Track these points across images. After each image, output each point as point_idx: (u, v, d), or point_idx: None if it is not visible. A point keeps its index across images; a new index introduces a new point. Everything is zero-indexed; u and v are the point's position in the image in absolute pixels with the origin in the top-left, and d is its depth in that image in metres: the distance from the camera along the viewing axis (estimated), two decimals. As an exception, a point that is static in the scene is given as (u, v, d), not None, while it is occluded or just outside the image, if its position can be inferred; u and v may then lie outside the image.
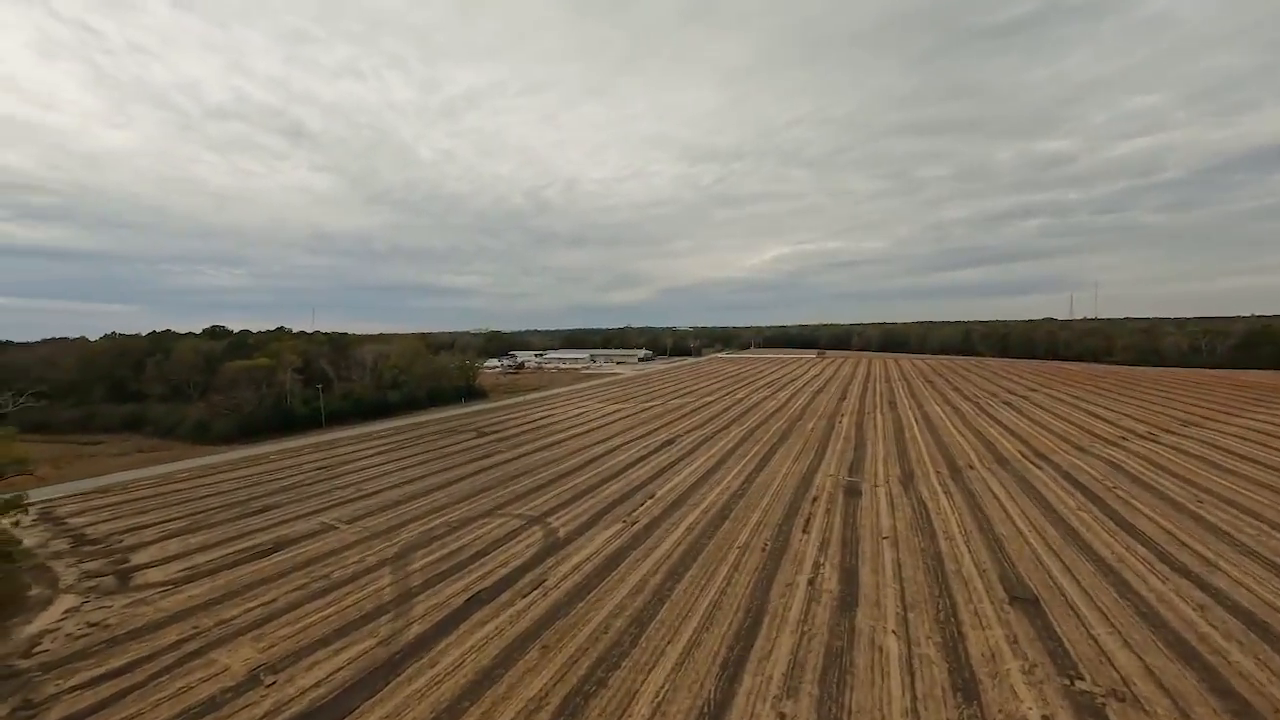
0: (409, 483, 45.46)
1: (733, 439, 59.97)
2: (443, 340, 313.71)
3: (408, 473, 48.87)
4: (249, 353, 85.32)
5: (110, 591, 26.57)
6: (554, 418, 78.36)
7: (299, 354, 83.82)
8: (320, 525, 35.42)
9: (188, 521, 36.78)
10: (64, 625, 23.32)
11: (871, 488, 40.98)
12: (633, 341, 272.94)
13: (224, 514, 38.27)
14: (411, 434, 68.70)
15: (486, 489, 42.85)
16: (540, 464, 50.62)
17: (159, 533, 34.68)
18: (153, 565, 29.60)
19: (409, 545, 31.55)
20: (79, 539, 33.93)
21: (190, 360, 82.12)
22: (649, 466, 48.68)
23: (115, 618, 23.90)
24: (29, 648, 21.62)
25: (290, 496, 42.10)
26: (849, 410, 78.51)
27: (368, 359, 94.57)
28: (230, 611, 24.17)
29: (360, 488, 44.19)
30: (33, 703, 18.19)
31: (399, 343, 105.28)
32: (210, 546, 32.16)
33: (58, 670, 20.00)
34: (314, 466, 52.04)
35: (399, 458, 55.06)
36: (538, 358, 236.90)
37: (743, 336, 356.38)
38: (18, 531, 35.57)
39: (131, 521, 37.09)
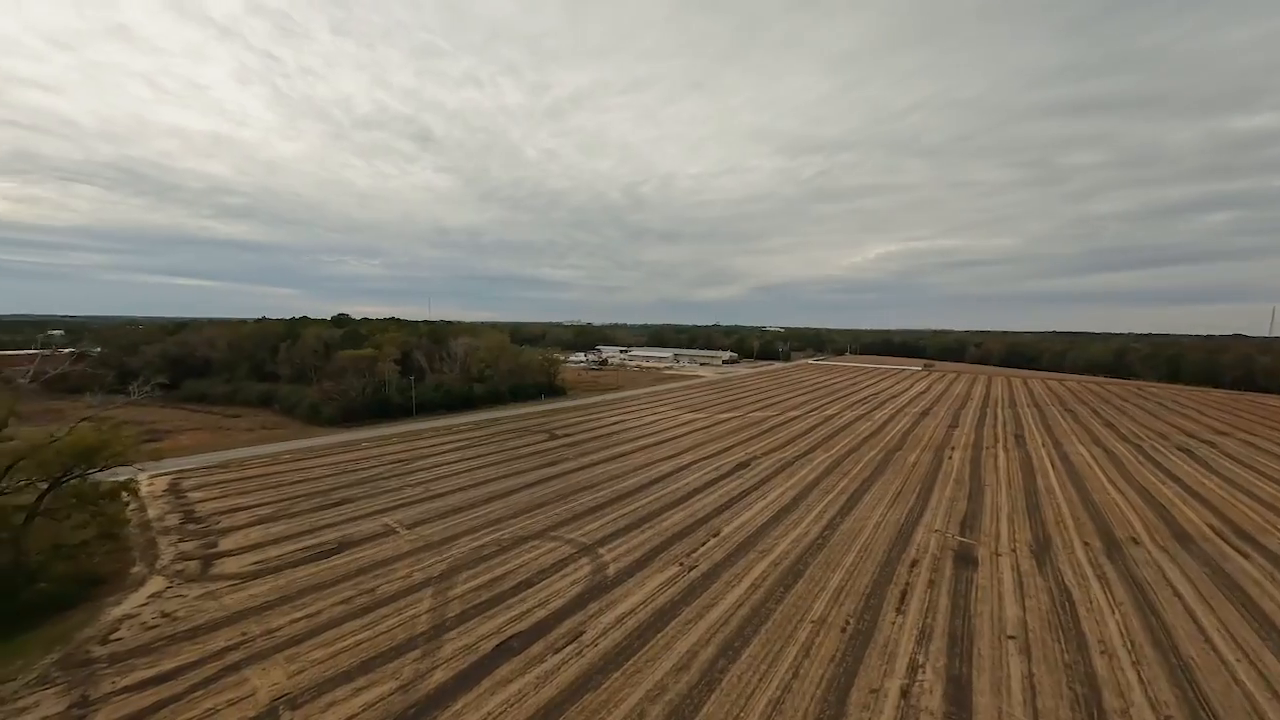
0: (474, 486, 45.54)
1: (816, 468, 53.36)
2: (535, 331, 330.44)
3: (475, 474, 49.22)
4: (359, 342, 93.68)
5: (191, 579, 28.44)
6: (626, 424, 76.33)
7: (399, 345, 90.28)
8: (383, 527, 36.02)
9: (275, 508, 39.49)
10: (143, 612, 24.99)
11: (991, 555, 33.19)
12: (718, 342, 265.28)
13: (307, 503, 40.66)
14: (488, 430, 70.44)
15: (544, 504, 41.39)
16: (603, 479, 48.42)
17: (249, 517, 37.46)
18: (232, 554, 31.57)
19: (457, 564, 30.60)
20: (187, 516, 37.66)
21: (312, 347, 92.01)
22: (717, 494, 44.33)
23: (185, 610, 25.21)
24: (109, 633, 23.24)
25: (366, 490, 43.94)
26: (962, 442, 67.29)
27: (459, 352, 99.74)
28: (278, 620, 24.41)
29: (429, 487, 45.04)
30: (87, 700, 19.00)
31: (488, 336, 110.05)
32: (285, 539, 33.83)
33: (120, 665, 21.02)
34: (394, 459, 54.59)
35: (471, 456, 56.08)
36: (622, 354, 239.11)
37: (837, 341, 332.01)
38: (148, 501, 40.48)
39: (233, 502, 40.68)
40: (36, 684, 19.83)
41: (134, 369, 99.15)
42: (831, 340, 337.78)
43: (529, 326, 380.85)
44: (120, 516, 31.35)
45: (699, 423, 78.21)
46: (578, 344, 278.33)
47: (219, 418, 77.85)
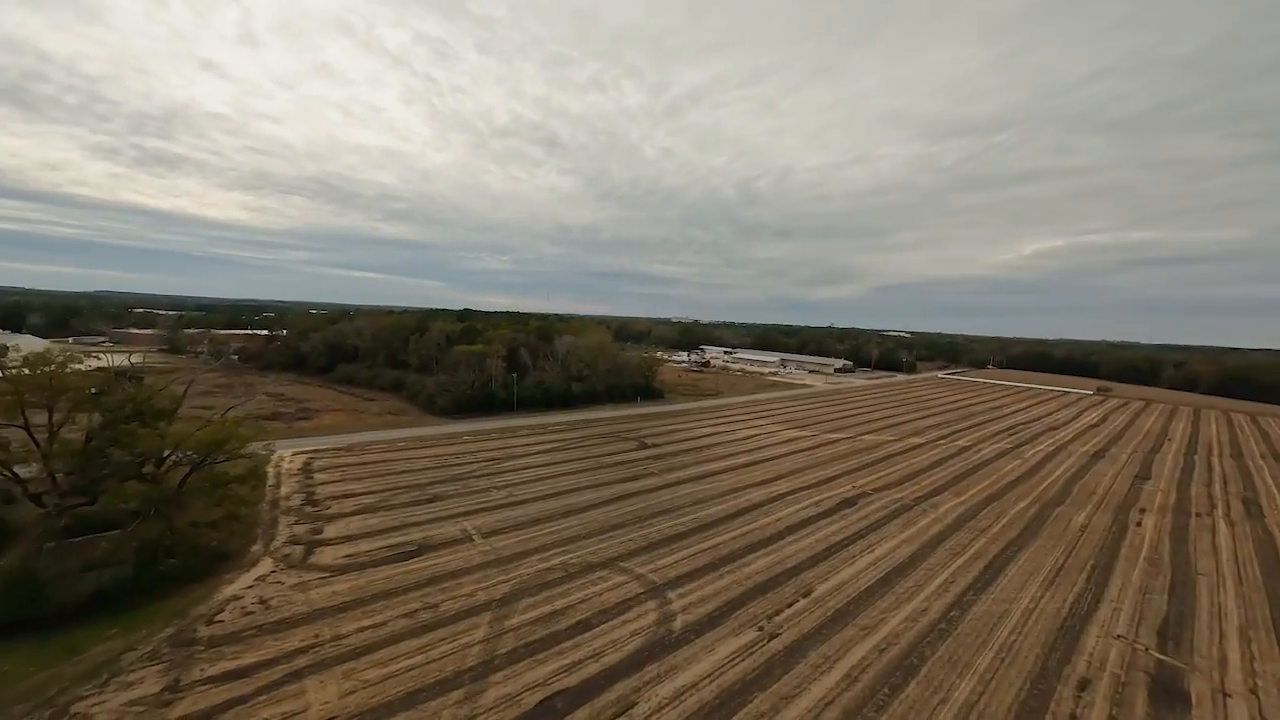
0: (555, 496, 44.99)
1: (943, 517, 44.36)
2: (641, 328, 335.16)
3: (558, 482, 48.85)
4: (474, 338, 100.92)
5: (293, 565, 30.89)
6: (720, 437, 71.80)
7: (506, 342, 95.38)
8: (462, 532, 36.56)
9: (378, 498, 42.44)
10: (247, 596, 27.36)
11: (1213, 691, 23.65)
12: (829, 347, 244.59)
13: (405, 495, 43.16)
14: (579, 433, 70.76)
15: (620, 525, 39.21)
16: (687, 502, 44.99)
17: (354, 506, 40.57)
18: (331, 543, 33.98)
19: (520, 587, 29.51)
20: (308, 497, 41.92)
21: (435, 340, 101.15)
22: (814, 538, 38.47)
23: (278, 599, 27.12)
24: (215, 613, 25.63)
25: (456, 489, 45.64)
26: (1157, 503, 52.00)
27: (561, 350, 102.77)
28: (348, 626, 25.06)
29: (512, 493, 45.46)
30: (177, 685, 20.61)
31: (589, 335, 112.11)
32: (377, 533, 35.78)
33: (212, 652, 22.78)
34: (488, 456, 56.64)
35: (558, 461, 56.18)
36: (726, 355, 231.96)
37: (976, 351, 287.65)
38: (284, 478, 45.94)
39: (346, 487, 44.65)
40: (148, 659, 22.14)
41: (304, 352, 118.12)
42: (969, 350, 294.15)
43: (637, 322, 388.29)
44: (246, 499, 35.46)
45: (802, 442, 70.87)
46: (682, 343, 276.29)
47: (358, 400, 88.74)
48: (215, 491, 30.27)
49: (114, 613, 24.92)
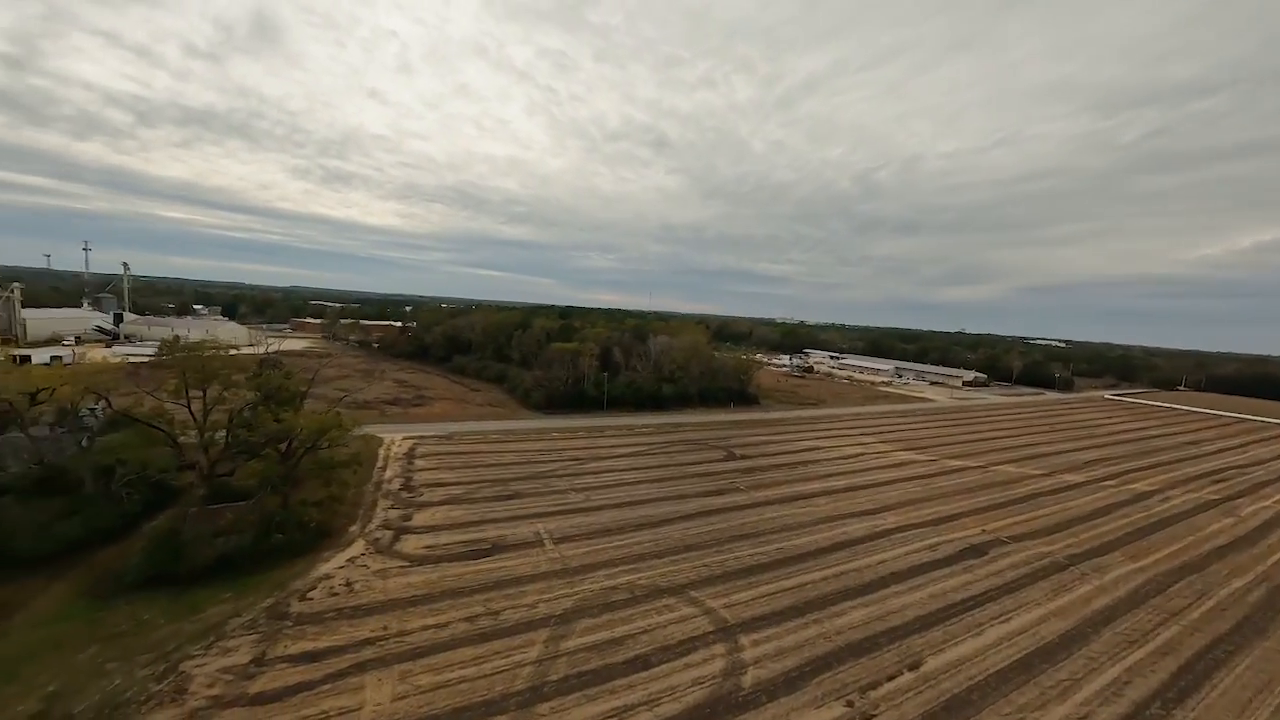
0: (631, 505, 43.36)
1: (1111, 588, 34.74)
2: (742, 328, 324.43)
3: (637, 490, 47.20)
4: (570, 335, 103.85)
5: (381, 550, 32.74)
6: (819, 454, 65.13)
7: (600, 341, 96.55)
8: (534, 535, 36.33)
9: (465, 489, 44.20)
10: (337, 576, 29.29)
11: None
12: (956, 357, 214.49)
13: (488, 490, 44.47)
14: (666, 437, 68.71)
15: (696, 546, 36.29)
16: (773, 527, 40.63)
17: (443, 495, 42.58)
18: (416, 531, 35.63)
19: (582, 604, 28.09)
20: (407, 482, 44.95)
21: (536, 337, 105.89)
22: (927, 592, 32.12)
23: (361, 584, 28.63)
24: (308, 589, 27.66)
25: (536, 487, 46.05)
26: None
27: (654, 349, 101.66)
28: (414, 622, 25.48)
29: (589, 496, 44.71)
30: (262, 660, 22.14)
31: (684, 336, 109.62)
32: (457, 526, 36.91)
33: (296, 630, 24.35)
34: (572, 456, 56.88)
35: (640, 466, 54.62)
36: (832, 360, 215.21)
37: (1160, 369, 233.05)
38: (389, 461, 49.92)
39: (440, 475, 47.26)
40: (247, 627, 24.27)
41: (427, 343, 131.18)
42: (1150, 366, 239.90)
43: (738, 322, 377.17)
44: (348, 482, 38.54)
45: (917, 468, 61.59)
46: (784, 345, 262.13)
47: (467, 390, 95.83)
48: (323, 474, 33.28)
49: (232, 578, 28.03)
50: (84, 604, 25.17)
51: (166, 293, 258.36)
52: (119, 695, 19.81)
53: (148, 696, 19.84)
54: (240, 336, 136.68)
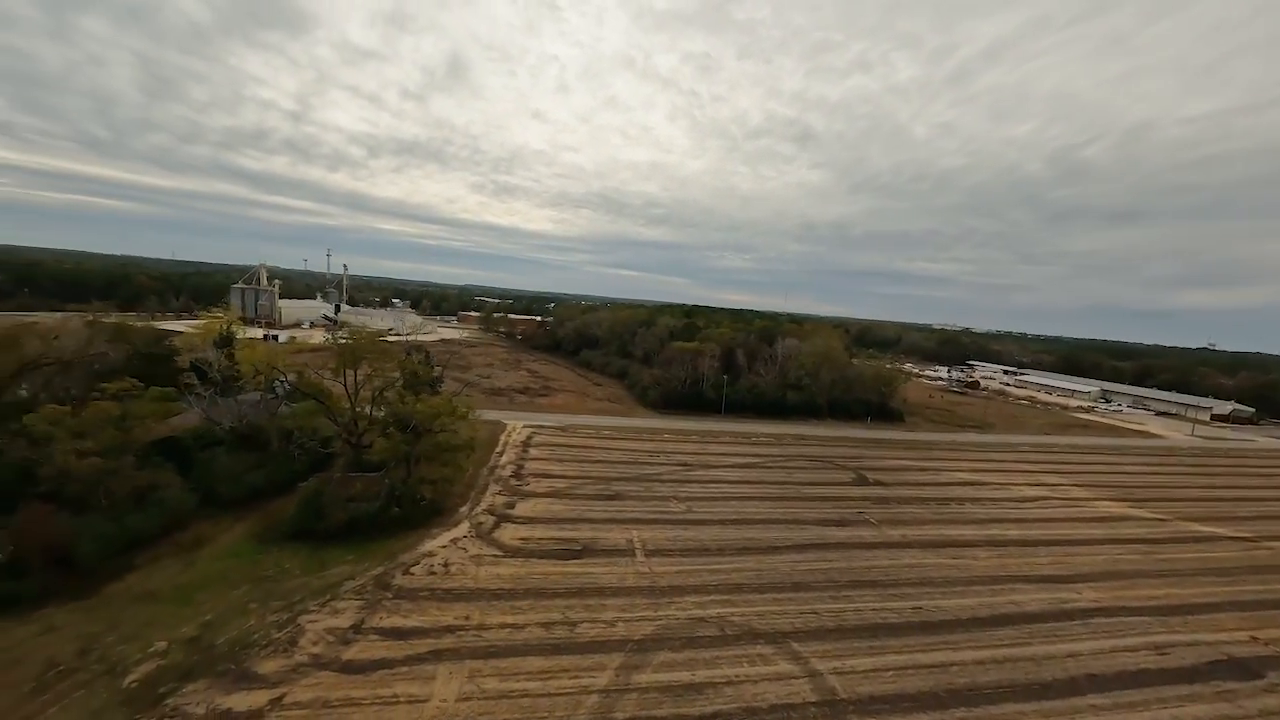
0: (737, 524, 39.25)
1: None
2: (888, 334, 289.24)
3: (746, 507, 42.79)
4: (692, 335, 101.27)
5: (480, 535, 33.82)
6: (982, 491, 53.07)
7: (722, 342, 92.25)
8: (626, 543, 34.50)
9: (569, 484, 44.38)
10: (438, 555, 30.72)
11: None
12: (1205, 381, 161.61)
13: (591, 487, 44.06)
14: (785, 450, 62.32)
15: (807, 586, 31.01)
16: (911, 578, 33.20)
17: (547, 487, 43.19)
18: (516, 521, 36.27)
19: (664, 633, 25.29)
20: (518, 470, 46.72)
21: (659, 335, 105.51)
22: (1149, 717, 22.62)
23: (456, 567, 29.57)
24: (412, 564, 29.34)
25: (639, 490, 44.37)
26: None
27: (781, 353, 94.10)
28: (493, 618, 25.21)
29: (692, 508, 41.64)
30: (359, 627, 23.55)
31: (815, 339, 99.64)
32: (553, 522, 36.79)
33: (393, 604, 25.66)
34: (680, 460, 54.24)
35: (752, 480, 49.82)
36: (1007, 375, 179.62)
37: None
38: (507, 447, 52.63)
39: (549, 466, 48.33)
40: (356, 592, 26.31)
41: (560, 337, 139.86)
42: None
43: (883, 327, 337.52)
44: (461, 465, 40.70)
45: (1134, 527, 46.37)
46: (941, 355, 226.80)
47: (590, 384, 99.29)
48: (440, 455, 35.66)
49: (357, 541, 31.06)
50: (251, 546, 29.86)
51: (374, 289, 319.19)
52: (249, 636, 22.51)
53: (268, 643, 22.19)
54: (416, 324, 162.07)
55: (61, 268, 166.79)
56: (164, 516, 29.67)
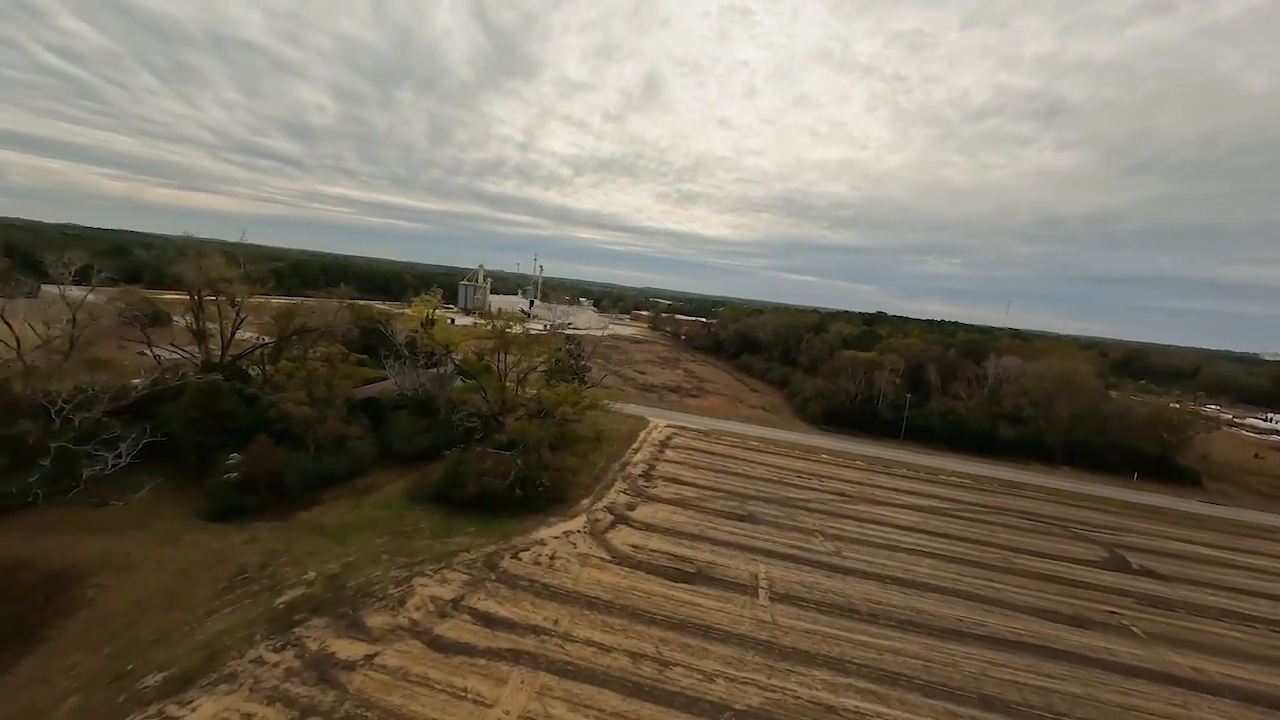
0: (903, 586, 30.35)
1: None
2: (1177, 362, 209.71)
3: (919, 566, 33.10)
4: (870, 344, 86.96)
5: (593, 533, 32.21)
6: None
7: (907, 354, 76.80)
8: (749, 578, 29.10)
9: (698, 494, 40.40)
10: (547, 546, 29.92)
11: None
12: None
13: (721, 503, 39.35)
14: (990, 499, 47.80)
15: (1004, 708, 21.54)
16: None
17: (673, 494, 39.89)
18: (632, 525, 33.81)
19: (769, 712, 19.71)
20: (649, 469, 44.49)
21: (829, 342, 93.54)
22: None
23: (560, 562, 28.26)
24: (519, 550, 29.00)
25: (778, 515, 38.03)
26: None
27: (992, 373, 74.19)
28: (580, 629, 22.92)
29: (841, 550, 33.81)
30: (457, 603, 23.55)
31: (1050, 360, 75.97)
32: (671, 533, 33.30)
33: (491, 588, 25.30)
34: (836, 489, 45.53)
35: (934, 532, 38.83)
36: None
37: None
38: (644, 445, 51.06)
39: (680, 471, 45.02)
40: (465, 566, 26.80)
41: (722, 339, 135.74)
42: None
43: (1170, 353, 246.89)
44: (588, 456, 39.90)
45: None
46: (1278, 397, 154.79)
47: (745, 389, 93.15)
48: (565, 443, 35.44)
49: (483, 515, 32.29)
50: (402, 501, 33.36)
51: (567, 288, 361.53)
52: (371, 585, 24.32)
53: (384, 597, 23.60)
54: (593, 320, 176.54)
55: (362, 268, 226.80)
56: (351, 462, 35.14)
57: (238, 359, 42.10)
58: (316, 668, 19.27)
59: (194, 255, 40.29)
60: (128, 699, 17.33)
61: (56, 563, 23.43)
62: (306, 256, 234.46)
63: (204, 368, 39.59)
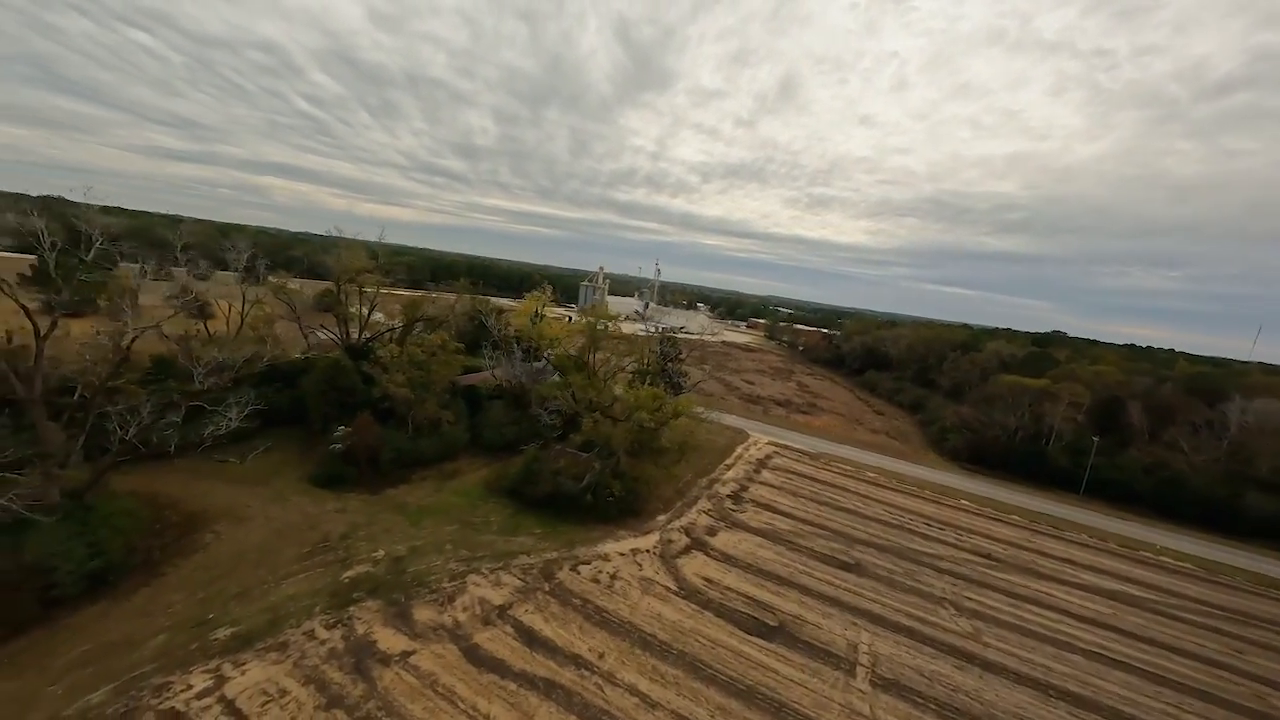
0: (1071, 703, 22.11)
1: None
2: None
3: (1107, 681, 24.09)
4: (1041, 369, 70.39)
5: (662, 556, 28.86)
6: None
7: (1095, 384, 60.23)
8: (847, 647, 23.37)
9: (791, 528, 34.79)
10: (613, 563, 27.32)
11: None
12: None
13: (820, 542, 33.34)
14: (1227, 599, 34.30)
15: None
16: None
17: (761, 523, 34.80)
18: (707, 552, 29.74)
19: None
20: (739, 491, 39.75)
21: (981, 364, 78.06)
22: None
23: (622, 585, 25.44)
24: (578, 564, 26.77)
25: (892, 570, 30.95)
26: None
27: (1232, 422, 54.75)
28: (627, 672, 19.79)
29: (981, 630, 26.02)
30: (501, 612, 22.00)
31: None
32: (752, 570, 28.58)
33: (541, 601, 23.35)
34: (977, 547, 36.26)
35: (1128, 633, 28.43)
36: None
37: None
38: (737, 462, 46.31)
39: (775, 498, 39.53)
40: (523, 570, 25.32)
41: (844, 352, 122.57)
42: None
43: None
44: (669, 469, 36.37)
45: None
46: None
47: (867, 410, 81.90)
48: (644, 452, 32.62)
49: (549, 517, 30.86)
50: (479, 491, 33.42)
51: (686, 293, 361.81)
52: (429, 574, 23.94)
53: (436, 590, 23.01)
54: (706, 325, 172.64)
55: (502, 269, 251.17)
56: (442, 446, 36.42)
57: (370, 341, 46.85)
58: (356, 654, 18.91)
59: (339, 249, 45.87)
60: (199, 648, 18.44)
61: (195, 506, 26.92)
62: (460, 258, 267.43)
63: (343, 347, 44.61)
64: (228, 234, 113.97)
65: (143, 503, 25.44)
